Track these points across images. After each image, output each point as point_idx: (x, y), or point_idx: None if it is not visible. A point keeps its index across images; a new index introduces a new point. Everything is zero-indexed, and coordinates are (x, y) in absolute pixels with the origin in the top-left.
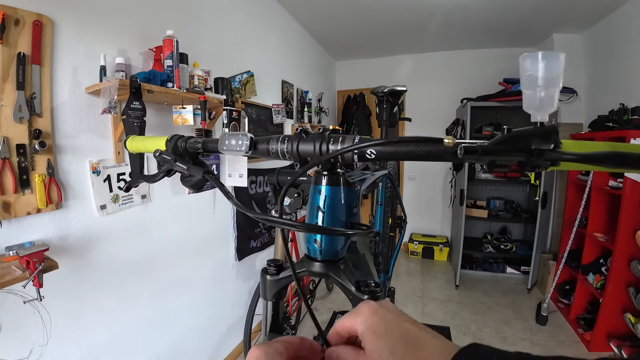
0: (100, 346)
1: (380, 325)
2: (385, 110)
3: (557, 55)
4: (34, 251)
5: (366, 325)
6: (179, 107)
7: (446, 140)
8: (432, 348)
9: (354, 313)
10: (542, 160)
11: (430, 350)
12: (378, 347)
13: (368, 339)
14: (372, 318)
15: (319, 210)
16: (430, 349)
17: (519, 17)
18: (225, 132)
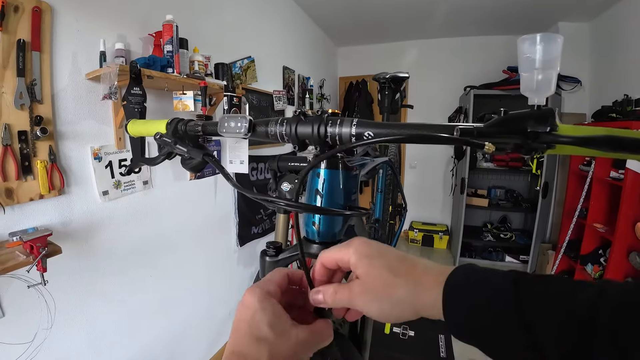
0: (104, 329)
1: (374, 251)
2: (387, 97)
3: (555, 38)
4: (38, 236)
5: (359, 253)
6: (179, 93)
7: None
8: (427, 266)
9: (343, 245)
10: (537, 143)
11: (427, 268)
12: (375, 268)
13: (364, 263)
14: (363, 247)
15: (318, 193)
16: (426, 267)
17: (525, 4)
18: (225, 115)
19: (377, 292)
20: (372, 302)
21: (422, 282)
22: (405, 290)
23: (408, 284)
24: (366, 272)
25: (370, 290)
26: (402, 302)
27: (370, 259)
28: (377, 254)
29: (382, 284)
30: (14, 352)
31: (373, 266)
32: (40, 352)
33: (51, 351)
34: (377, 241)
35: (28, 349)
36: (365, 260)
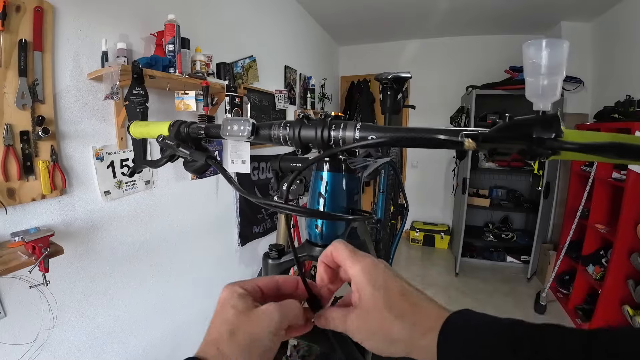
0: (106, 329)
1: (380, 279)
2: (389, 97)
3: (561, 43)
4: (40, 237)
5: (364, 275)
6: (181, 93)
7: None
8: (427, 307)
9: (354, 257)
10: (542, 149)
11: (426, 310)
12: (376, 300)
13: (366, 292)
14: (371, 269)
15: (320, 196)
16: (426, 308)
17: (527, 3)
18: (228, 118)
19: (374, 329)
20: (368, 338)
21: (420, 325)
22: (402, 332)
23: (405, 325)
24: (366, 304)
25: (367, 326)
26: (397, 342)
27: (374, 290)
28: (381, 284)
29: (381, 321)
30: (16, 353)
31: (374, 299)
32: (42, 353)
33: (53, 351)
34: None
35: (30, 349)
36: (369, 289)
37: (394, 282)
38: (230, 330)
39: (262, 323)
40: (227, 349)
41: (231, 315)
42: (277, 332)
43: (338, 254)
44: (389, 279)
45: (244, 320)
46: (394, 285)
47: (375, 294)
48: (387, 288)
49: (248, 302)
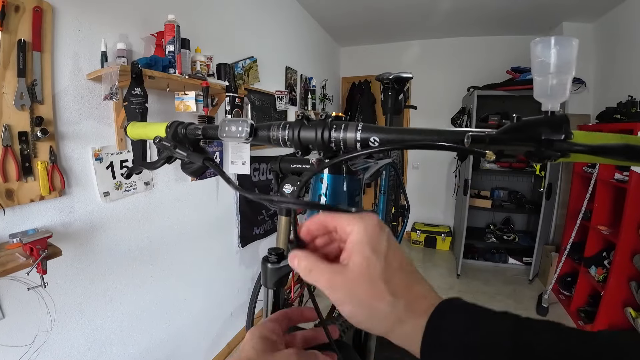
0: (105, 331)
1: (383, 245)
2: (390, 98)
3: (570, 41)
4: (38, 238)
5: (366, 235)
6: (181, 94)
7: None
8: (423, 290)
9: (356, 216)
10: (551, 151)
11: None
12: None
13: (363, 254)
14: (375, 232)
15: (321, 198)
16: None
17: (528, 4)
18: (226, 119)
19: (360, 297)
20: (348, 303)
21: (412, 307)
22: (390, 309)
23: (397, 304)
24: (359, 267)
25: (352, 290)
26: (381, 318)
27: (373, 254)
28: (383, 251)
29: (371, 291)
30: (14, 355)
31: (370, 265)
32: (40, 355)
33: (51, 353)
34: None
35: (28, 351)
36: (367, 251)
37: (396, 252)
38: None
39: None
40: None
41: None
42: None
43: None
44: (392, 247)
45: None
46: (395, 256)
47: (372, 259)
48: (387, 257)
49: (268, 343)
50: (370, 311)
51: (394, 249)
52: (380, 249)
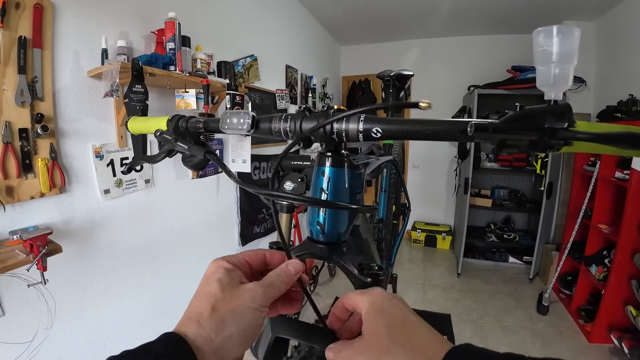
0: (105, 329)
1: (386, 307)
2: (392, 95)
3: (572, 30)
4: (38, 235)
5: (371, 304)
6: (181, 91)
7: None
8: (427, 338)
9: (365, 292)
10: (555, 139)
11: (425, 340)
12: (377, 326)
13: (370, 317)
14: (378, 299)
15: (322, 192)
16: (425, 339)
17: (529, 3)
18: (227, 111)
19: (375, 356)
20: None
21: (419, 354)
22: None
23: (405, 353)
24: (369, 330)
25: (369, 352)
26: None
27: (378, 317)
28: (386, 311)
29: (379, 346)
30: (14, 352)
31: (377, 325)
32: (40, 352)
33: (51, 351)
34: (394, 295)
35: (28, 349)
36: (373, 316)
37: (398, 310)
38: (212, 304)
39: (245, 299)
40: (209, 323)
41: (215, 290)
42: (261, 308)
43: (348, 299)
44: (393, 307)
45: (227, 295)
46: (397, 313)
47: (377, 320)
48: (390, 315)
49: (234, 277)
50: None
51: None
52: (382, 310)
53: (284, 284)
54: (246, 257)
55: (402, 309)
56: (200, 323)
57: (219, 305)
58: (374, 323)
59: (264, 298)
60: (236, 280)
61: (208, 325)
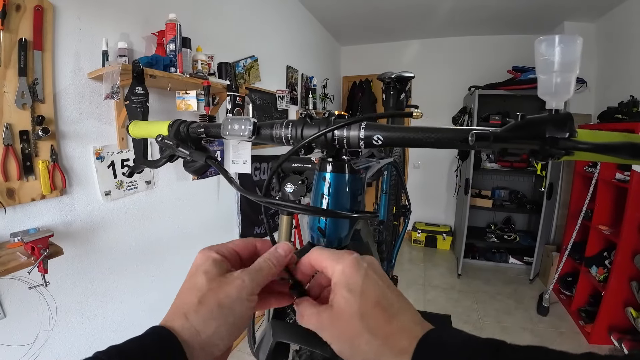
0: (106, 330)
1: (358, 283)
2: (392, 97)
3: (574, 39)
4: (39, 237)
5: (344, 278)
6: (182, 93)
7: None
8: (402, 323)
9: (335, 258)
10: (556, 149)
11: (401, 325)
12: (349, 306)
13: (341, 294)
14: (351, 272)
15: (323, 197)
16: (400, 324)
17: (530, 3)
18: (228, 117)
19: (342, 335)
20: (336, 341)
21: (391, 343)
22: (369, 346)
23: (375, 341)
24: (338, 307)
25: (337, 330)
26: (361, 355)
27: (348, 294)
28: (358, 289)
29: (350, 329)
30: (15, 354)
31: (348, 304)
32: (41, 354)
33: (52, 353)
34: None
35: (29, 351)
36: (345, 293)
37: (372, 287)
38: (199, 297)
39: (233, 290)
40: (196, 317)
41: (202, 282)
42: (249, 297)
43: (316, 258)
44: (368, 283)
45: (214, 287)
46: (371, 292)
47: (349, 298)
48: (363, 294)
49: (222, 267)
50: (352, 349)
51: (371, 284)
52: (354, 287)
53: (274, 267)
54: (235, 246)
55: (377, 284)
56: (186, 317)
57: (205, 297)
58: (344, 301)
59: (252, 286)
60: (223, 271)
61: (195, 319)
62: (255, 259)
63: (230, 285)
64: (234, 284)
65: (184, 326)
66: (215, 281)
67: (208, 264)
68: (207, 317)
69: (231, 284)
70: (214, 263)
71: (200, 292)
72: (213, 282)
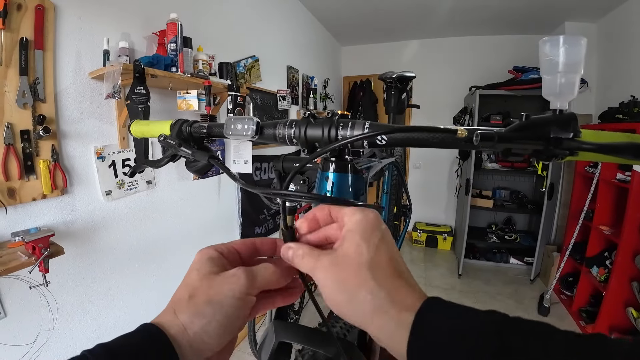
0: (107, 330)
1: (376, 236)
2: (394, 97)
3: (579, 40)
4: (40, 237)
5: (361, 227)
6: (183, 92)
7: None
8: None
9: (356, 209)
10: (560, 149)
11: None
12: (360, 252)
13: (354, 240)
14: (371, 224)
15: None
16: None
17: (531, 3)
18: (231, 116)
19: (342, 280)
20: (331, 285)
21: (395, 297)
22: (370, 297)
23: (378, 293)
24: (346, 252)
25: (337, 274)
26: (359, 305)
27: (362, 241)
28: (373, 240)
29: (354, 275)
30: (16, 353)
31: (358, 250)
32: (42, 353)
33: (53, 352)
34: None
35: (30, 350)
36: (357, 238)
37: (388, 246)
38: (190, 293)
39: (225, 287)
40: (184, 313)
41: (194, 278)
42: (243, 296)
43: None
44: (385, 240)
45: (205, 284)
46: (386, 249)
47: (361, 246)
48: (377, 246)
49: (218, 265)
50: (350, 297)
51: (387, 245)
52: (372, 240)
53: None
54: (236, 245)
55: (392, 246)
56: (175, 313)
57: (196, 293)
58: (356, 247)
59: (248, 285)
60: (219, 269)
61: (182, 315)
62: (256, 257)
63: (223, 282)
64: (227, 281)
65: (172, 322)
66: (208, 278)
67: (203, 260)
68: (194, 313)
69: (224, 281)
70: (209, 260)
71: (192, 288)
72: (206, 278)
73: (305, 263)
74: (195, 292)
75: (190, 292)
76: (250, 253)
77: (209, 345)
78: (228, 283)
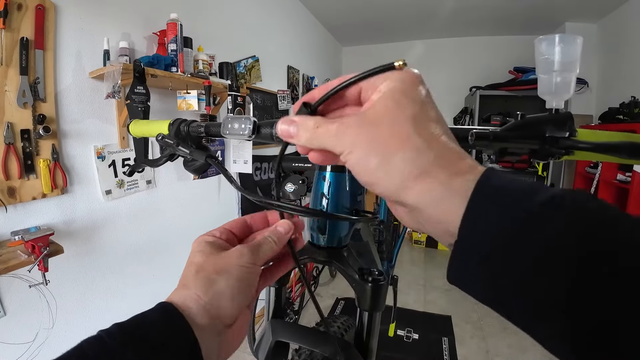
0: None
1: (421, 92)
2: None
3: (574, 39)
4: (39, 236)
5: (400, 85)
6: (183, 92)
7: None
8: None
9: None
10: (555, 148)
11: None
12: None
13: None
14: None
15: (324, 196)
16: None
17: (531, 4)
18: (229, 116)
19: (379, 139)
20: (358, 147)
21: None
22: (413, 156)
23: (424, 152)
24: (384, 107)
25: (367, 131)
26: (395, 167)
27: (405, 98)
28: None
29: (391, 131)
30: (15, 352)
31: (398, 105)
32: (41, 352)
33: (52, 351)
34: None
35: (29, 349)
36: (398, 94)
37: (433, 105)
38: (197, 269)
39: (230, 257)
40: (194, 284)
41: (198, 258)
42: (248, 265)
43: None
44: (430, 97)
45: (212, 260)
46: (433, 106)
47: (403, 100)
48: (423, 102)
49: (218, 246)
50: (384, 157)
51: (434, 104)
52: (416, 97)
53: (274, 244)
54: (228, 226)
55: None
56: (186, 286)
57: (202, 267)
58: (395, 103)
59: (251, 256)
60: (220, 249)
61: (194, 285)
62: (250, 234)
63: (228, 255)
64: (231, 254)
65: (185, 295)
66: (212, 255)
67: (203, 245)
68: (206, 281)
69: (228, 254)
70: (208, 244)
71: (197, 266)
72: (210, 256)
73: (322, 133)
74: (201, 268)
75: (197, 269)
76: (244, 231)
77: (225, 310)
78: (233, 255)
